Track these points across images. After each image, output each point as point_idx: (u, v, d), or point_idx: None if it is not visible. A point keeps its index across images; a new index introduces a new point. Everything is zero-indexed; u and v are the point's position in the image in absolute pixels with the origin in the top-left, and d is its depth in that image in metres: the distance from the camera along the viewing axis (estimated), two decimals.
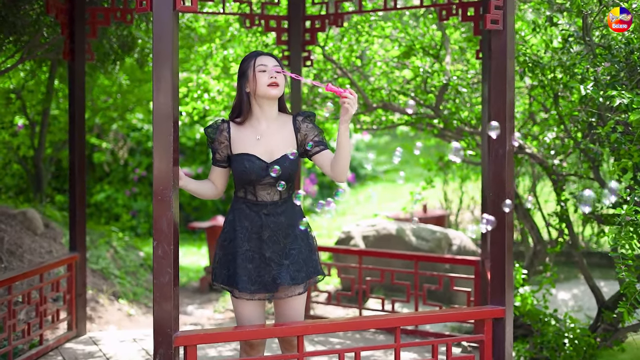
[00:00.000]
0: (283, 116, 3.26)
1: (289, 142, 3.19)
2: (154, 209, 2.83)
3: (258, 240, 3.15)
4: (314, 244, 3.26)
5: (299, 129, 3.21)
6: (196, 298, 7.23)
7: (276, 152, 3.16)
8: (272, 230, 3.15)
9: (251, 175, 3.12)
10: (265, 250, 3.14)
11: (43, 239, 6.27)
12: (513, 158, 3.41)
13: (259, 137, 3.18)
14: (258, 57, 3.16)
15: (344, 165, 3.10)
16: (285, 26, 5.19)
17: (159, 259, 2.84)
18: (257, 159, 3.14)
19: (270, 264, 3.14)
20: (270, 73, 3.14)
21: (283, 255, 3.15)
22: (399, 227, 6.65)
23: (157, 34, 2.82)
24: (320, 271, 3.25)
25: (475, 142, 5.48)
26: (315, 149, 3.20)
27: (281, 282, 3.11)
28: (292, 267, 3.14)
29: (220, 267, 3.22)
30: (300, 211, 3.25)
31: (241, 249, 3.15)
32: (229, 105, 6.21)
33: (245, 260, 3.14)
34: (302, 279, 3.16)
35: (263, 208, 3.16)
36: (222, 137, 3.21)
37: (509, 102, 3.34)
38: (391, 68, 5.88)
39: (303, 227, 3.16)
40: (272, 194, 3.17)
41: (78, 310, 4.84)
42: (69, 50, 4.71)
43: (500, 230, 3.35)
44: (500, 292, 3.36)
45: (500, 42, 3.33)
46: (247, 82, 3.17)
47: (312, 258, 3.22)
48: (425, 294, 4.90)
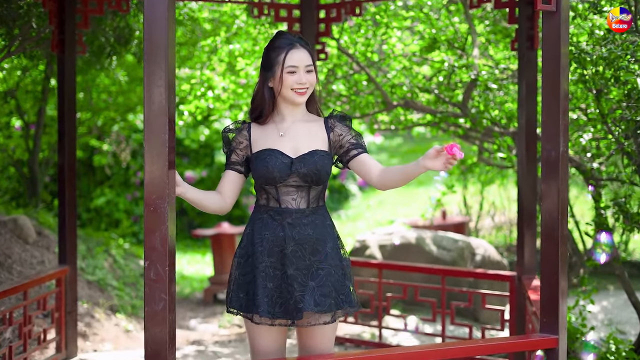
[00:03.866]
0: (312, 116, 2.79)
1: (319, 139, 2.72)
2: (146, 222, 2.35)
3: (280, 254, 2.65)
4: (347, 269, 2.75)
5: (332, 128, 2.75)
6: (200, 311, 6.75)
7: (303, 148, 2.69)
8: (297, 244, 2.65)
9: (274, 171, 2.63)
10: (288, 267, 2.63)
11: (35, 248, 5.80)
12: (567, 162, 2.92)
13: (282, 134, 2.71)
14: (290, 52, 2.67)
15: (395, 186, 2.68)
16: (297, 16, 4.71)
17: (151, 283, 2.36)
18: (280, 154, 2.66)
19: (293, 284, 2.63)
20: (300, 77, 2.67)
21: (309, 274, 2.64)
22: (419, 236, 6.15)
23: (149, 17, 2.35)
24: (353, 302, 2.72)
25: (506, 143, 4.99)
26: (353, 151, 2.72)
27: (303, 307, 2.60)
28: (318, 290, 2.63)
29: (236, 290, 2.71)
30: (331, 227, 2.75)
31: (261, 264, 2.65)
32: (235, 104, 5.73)
33: (266, 278, 2.64)
34: (330, 306, 2.63)
35: (287, 216, 2.67)
36: (241, 136, 2.74)
37: (563, 94, 2.85)
38: (411, 63, 5.39)
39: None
40: (298, 200, 2.68)
41: (68, 330, 4.37)
42: (58, 42, 4.25)
43: (553, 244, 2.86)
44: (553, 318, 2.87)
45: (553, 25, 2.85)
46: (271, 79, 2.71)
47: (345, 284, 2.71)
48: (453, 312, 4.40)
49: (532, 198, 4.11)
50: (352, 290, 2.75)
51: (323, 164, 2.67)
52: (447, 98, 4.97)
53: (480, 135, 5.62)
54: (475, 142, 5.79)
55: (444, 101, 4.97)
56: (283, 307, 2.64)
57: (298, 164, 2.65)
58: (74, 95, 4.32)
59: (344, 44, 5.30)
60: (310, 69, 2.69)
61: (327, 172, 2.69)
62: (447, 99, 4.96)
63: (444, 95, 5.03)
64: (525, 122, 4.03)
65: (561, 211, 2.86)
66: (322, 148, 2.71)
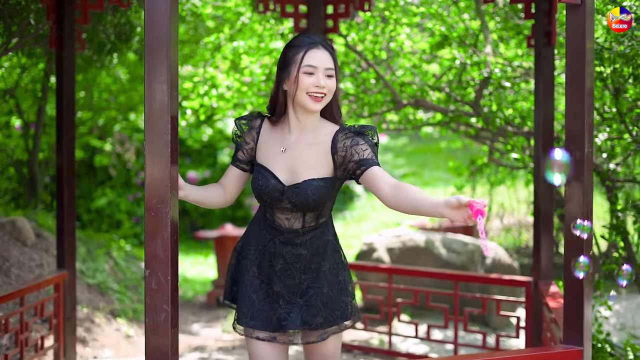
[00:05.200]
0: (326, 126, 2.50)
1: (321, 164, 2.46)
2: (146, 228, 2.20)
3: (269, 269, 2.51)
4: (346, 283, 2.56)
5: (337, 150, 2.44)
6: (202, 315, 6.59)
7: (299, 175, 2.46)
8: (287, 262, 2.49)
9: (264, 195, 2.46)
10: (275, 284, 2.49)
11: (34, 251, 5.64)
12: (592, 163, 2.76)
13: (283, 149, 2.49)
14: (309, 51, 2.41)
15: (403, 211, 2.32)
16: (304, 11, 4.55)
17: (152, 293, 2.20)
18: (272, 178, 2.46)
19: (278, 301, 2.49)
20: (318, 79, 2.40)
21: (298, 292, 2.49)
22: (428, 238, 5.99)
23: (150, 7, 2.19)
24: (348, 315, 2.55)
25: (520, 143, 4.82)
26: (357, 172, 2.42)
27: (287, 325, 2.45)
28: (306, 308, 2.47)
29: (231, 282, 2.64)
30: (331, 242, 2.55)
31: (247, 273, 2.52)
32: (240, 103, 5.57)
33: (251, 287, 2.50)
34: (318, 325, 2.47)
35: (279, 234, 2.49)
36: (249, 136, 2.56)
37: (588, 91, 2.69)
38: (421, 61, 5.22)
39: None
40: (292, 221, 2.49)
41: (66, 336, 4.21)
42: (56, 38, 4.09)
43: (577, 250, 2.70)
44: (578, 329, 2.71)
45: (578, 18, 2.69)
46: (287, 79, 2.46)
47: (342, 300, 2.53)
48: (466, 319, 4.24)
49: (549, 200, 3.95)
50: (350, 304, 2.58)
51: (318, 197, 2.43)
52: (458, 97, 4.80)
53: (491, 135, 5.46)
54: (485, 142, 5.62)
55: (455, 100, 4.81)
56: (263, 320, 2.50)
57: (290, 193, 2.45)
58: (73, 94, 4.16)
59: (351, 41, 5.13)
60: (331, 73, 2.44)
61: (322, 202, 2.46)
62: (459, 97, 4.79)
63: (455, 93, 4.86)
64: (543, 122, 3.87)
65: (586, 215, 2.70)
66: (322, 175, 2.44)
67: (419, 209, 2.24)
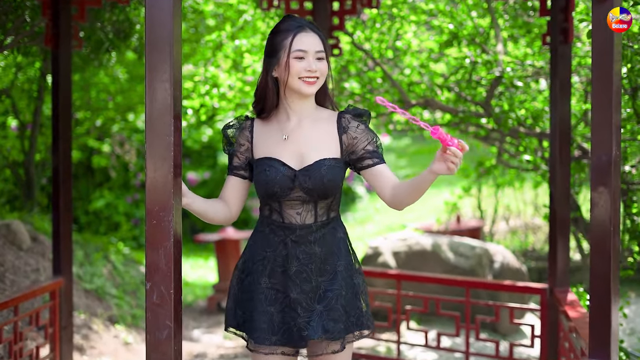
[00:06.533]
0: (323, 112, 2.41)
1: (329, 144, 2.35)
2: (147, 237, 2.04)
3: (283, 275, 2.33)
4: (360, 287, 2.41)
5: (346, 130, 2.35)
6: (203, 320, 6.42)
7: (308, 157, 2.32)
8: (302, 264, 2.32)
9: (274, 186, 2.29)
10: (291, 290, 2.31)
11: (29, 255, 5.47)
12: (620, 167, 2.61)
13: (285, 137, 2.35)
14: (297, 35, 2.30)
15: (410, 202, 2.31)
16: (310, 8, 4.40)
17: (154, 308, 2.04)
18: (281, 165, 2.31)
19: (297, 309, 2.30)
20: (309, 64, 2.30)
21: (315, 297, 2.31)
22: (435, 242, 5.83)
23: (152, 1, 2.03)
24: (366, 324, 2.39)
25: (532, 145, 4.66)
26: (367, 161, 2.34)
27: (308, 335, 2.27)
28: (326, 314, 2.29)
29: (234, 307, 2.41)
30: (343, 240, 2.41)
31: (260, 285, 2.33)
32: (242, 103, 5.40)
33: (266, 301, 2.32)
34: (340, 332, 2.31)
35: (291, 233, 2.33)
36: (242, 137, 2.40)
37: (616, 91, 2.54)
38: (428, 60, 5.06)
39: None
40: (303, 215, 2.34)
41: (63, 345, 4.04)
42: (52, 36, 3.93)
43: (604, 259, 2.54)
44: (605, 342, 2.55)
45: (606, 10, 2.53)
46: (276, 66, 2.33)
47: (356, 305, 2.37)
48: (478, 327, 4.09)
49: (566, 204, 3.79)
50: (364, 311, 2.42)
51: (332, 177, 2.31)
52: (469, 96, 4.63)
53: (500, 136, 5.30)
54: (494, 143, 5.46)
55: (465, 100, 4.64)
56: (286, 334, 2.32)
57: (302, 178, 2.30)
58: (70, 93, 4.00)
59: (357, 39, 4.97)
60: (322, 56, 2.33)
61: (337, 184, 2.34)
62: (470, 97, 4.63)
63: (465, 93, 4.70)
64: (559, 122, 3.71)
65: (613, 222, 2.54)
66: (331, 155, 2.34)
67: (416, 184, 2.24)
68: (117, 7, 4.67)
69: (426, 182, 2.24)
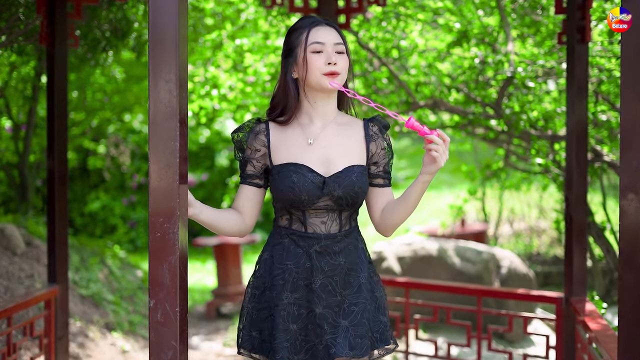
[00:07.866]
0: (345, 116, 2.27)
1: (355, 151, 2.21)
2: (151, 251, 1.88)
3: (306, 289, 2.17)
4: (381, 300, 2.27)
5: (374, 139, 2.24)
6: (202, 327, 6.26)
7: (336, 163, 2.18)
8: (327, 276, 2.16)
9: (301, 194, 2.13)
10: (316, 305, 2.15)
11: (23, 261, 5.31)
12: None
13: (311, 141, 2.19)
14: (312, 30, 2.17)
15: (399, 222, 2.21)
16: (314, 6, 4.24)
17: (158, 327, 1.88)
18: (309, 171, 2.15)
19: (323, 325, 2.15)
20: (329, 56, 2.15)
21: (340, 312, 2.16)
22: (440, 247, 5.69)
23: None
24: (388, 339, 2.25)
25: (545, 147, 4.52)
26: (379, 180, 2.25)
27: (335, 352, 2.11)
28: (352, 330, 2.14)
29: (249, 327, 2.23)
30: (363, 251, 2.27)
31: (282, 301, 2.16)
32: (242, 105, 5.24)
33: (288, 318, 2.15)
34: (367, 349, 2.16)
35: (315, 243, 2.17)
36: (257, 142, 2.22)
37: None
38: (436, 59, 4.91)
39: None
40: (328, 224, 2.18)
41: (58, 356, 3.88)
42: (47, 34, 3.77)
43: (635, 272, 2.40)
44: (635, 355, 2.41)
45: (636, 9, 2.39)
46: (294, 65, 2.19)
47: (379, 319, 2.23)
48: (490, 337, 3.94)
49: (582, 209, 3.64)
50: (387, 326, 2.28)
51: (362, 184, 2.18)
52: (478, 98, 4.49)
53: (507, 138, 5.15)
54: (502, 145, 5.31)
55: (474, 101, 4.50)
56: (310, 352, 2.16)
57: (332, 185, 2.15)
58: (65, 93, 3.84)
59: (362, 38, 4.82)
60: (341, 49, 2.18)
61: (365, 192, 2.21)
62: (479, 98, 4.48)
63: (474, 94, 4.55)
64: (576, 125, 3.56)
65: None
66: (358, 162, 2.21)
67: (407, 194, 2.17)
68: (115, 4, 4.51)
69: (418, 191, 2.15)
